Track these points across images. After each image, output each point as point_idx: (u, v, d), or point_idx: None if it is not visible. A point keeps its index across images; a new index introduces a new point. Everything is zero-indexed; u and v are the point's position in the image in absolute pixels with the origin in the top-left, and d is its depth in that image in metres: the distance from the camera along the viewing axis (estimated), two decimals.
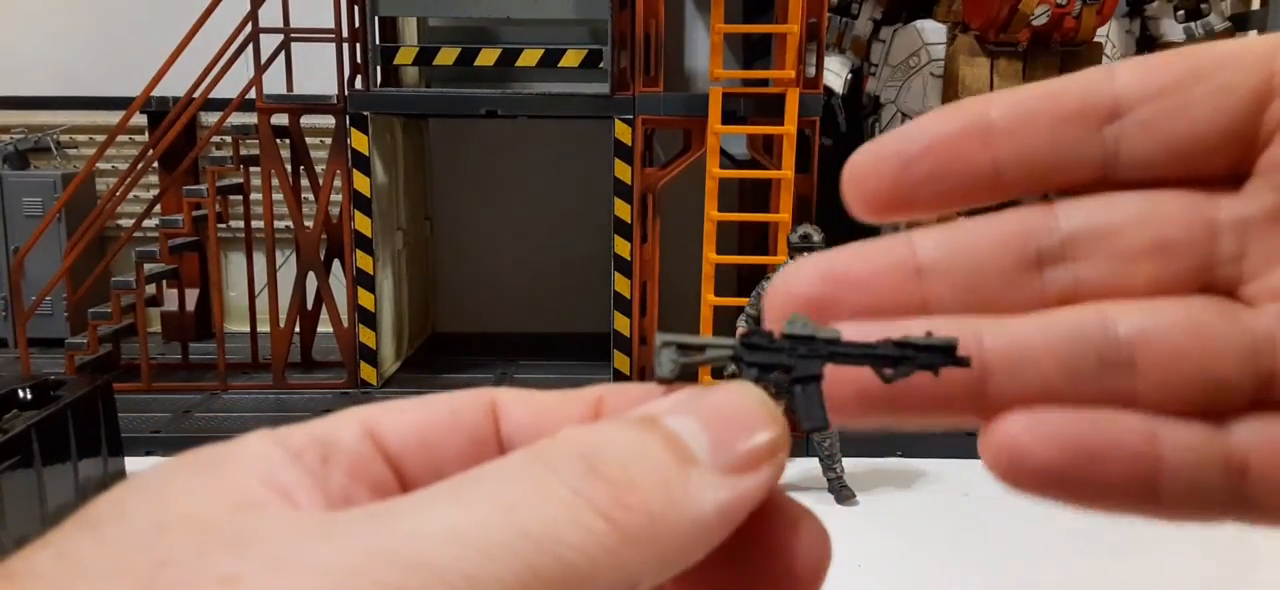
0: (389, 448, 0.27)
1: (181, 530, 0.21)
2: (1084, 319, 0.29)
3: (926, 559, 4.66)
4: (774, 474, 0.26)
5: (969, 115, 0.30)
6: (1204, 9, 6.49)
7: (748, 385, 0.27)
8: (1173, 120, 0.28)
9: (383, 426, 0.27)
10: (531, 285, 8.65)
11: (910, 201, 0.30)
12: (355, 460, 0.26)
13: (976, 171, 0.29)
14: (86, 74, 8.06)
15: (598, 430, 0.25)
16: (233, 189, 6.85)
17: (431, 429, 0.27)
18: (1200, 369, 0.28)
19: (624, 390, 0.29)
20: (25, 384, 4.53)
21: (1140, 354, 0.28)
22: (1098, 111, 0.29)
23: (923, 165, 0.29)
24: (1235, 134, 0.28)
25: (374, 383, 6.81)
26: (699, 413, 0.26)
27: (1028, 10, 5.57)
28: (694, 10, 7.22)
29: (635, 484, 0.23)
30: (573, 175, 8.39)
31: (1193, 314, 0.28)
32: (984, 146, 0.29)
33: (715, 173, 6.03)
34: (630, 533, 0.22)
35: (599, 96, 6.36)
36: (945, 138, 0.29)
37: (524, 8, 6.47)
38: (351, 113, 6.39)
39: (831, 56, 6.56)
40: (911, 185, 0.30)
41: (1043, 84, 0.30)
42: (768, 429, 0.26)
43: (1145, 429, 0.28)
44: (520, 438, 0.29)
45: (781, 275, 0.31)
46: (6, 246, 7.79)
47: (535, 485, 0.22)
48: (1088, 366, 0.28)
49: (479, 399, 0.29)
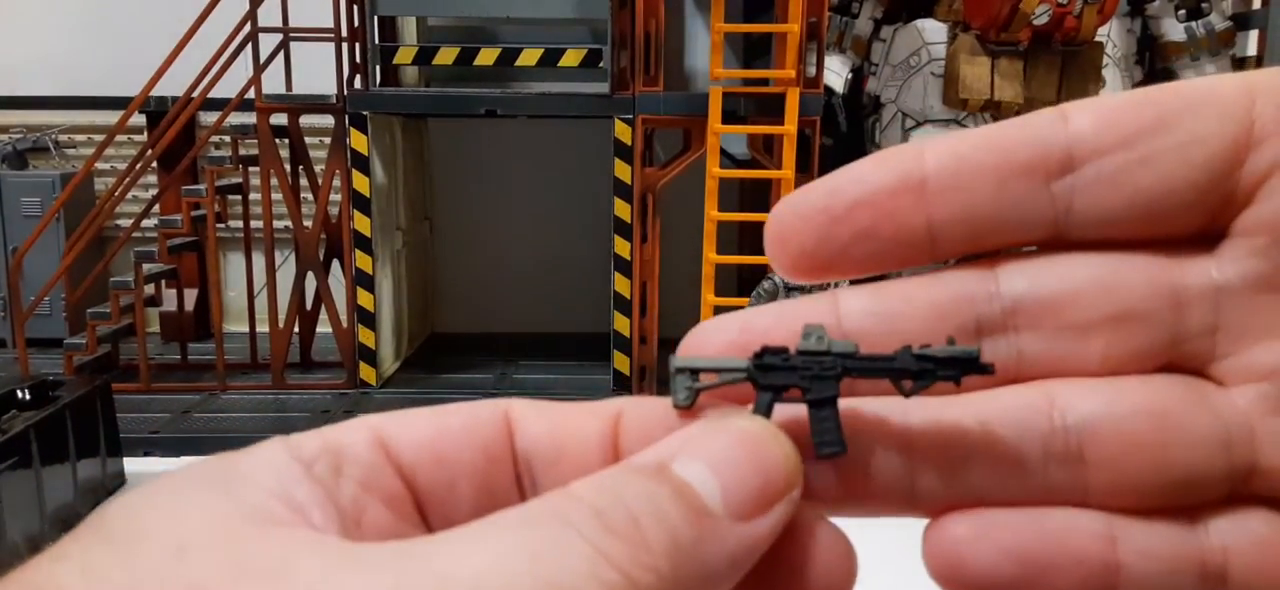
0: (401, 460, 0.26)
1: (206, 554, 0.21)
2: (1028, 402, 0.26)
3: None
4: (788, 511, 0.25)
5: (901, 168, 0.26)
6: (1205, 8, 6.48)
7: (759, 420, 0.26)
8: (1136, 174, 0.25)
9: (394, 438, 0.26)
10: (531, 285, 8.64)
11: (837, 263, 0.27)
12: (367, 472, 0.25)
13: (909, 232, 0.26)
14: (85, 74, 8.05)
15: (611, 483, 0.24)
16: (232, 189, 6.84)
17: (444, 441, 0.27)
18: (1161, 461, 0.25)
19: (643, 407, 0.28)
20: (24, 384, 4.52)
21: (1091, 446, 0.25)
22: (1048, 163, 0.25)
23: (849, 225, 0.26)
24: (1208, 190, 0.24)
25: (373, 383, 6.80)
26: (710, 456, 0.25)
27: (1029, 10, 5.56)
28: (694, 10, 7.21)
29: (648, 544, 0.23)
30: (573, 175, 8.39)
31: (1154, 397, 0.25)
32: (917, 204, 0.26)
33: (715, 172, 6.03)
34: (644, 587, 0.22)
35: (599, 96, 6.36)
36: (874, 194, 0.26)
37: (524, 7, 6.47)
38: (351, 112, 6.38)
39: (832, 56, 6.55)
40: (838, 246, 0.26)
41: (987, 131, 0.26)
42: (780, 468, 0.25)
43: (1102, 531, 0.25)
44: (538, 452, 0.28)
45: (697, 332, 0.28)
46: (5, 246, 7.78)
47: (557, 538, 0.22)
48: (1031, 460, 0.25)
49: (493, 411, 0.28)
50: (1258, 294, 0.24)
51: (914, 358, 0.26)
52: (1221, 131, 0.24)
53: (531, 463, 0.28)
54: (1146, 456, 0.25)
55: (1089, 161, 0.25)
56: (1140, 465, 0.25)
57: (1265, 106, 0.24)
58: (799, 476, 0.25)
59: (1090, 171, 0.25)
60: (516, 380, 7.08)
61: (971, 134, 0.26)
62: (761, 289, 4.92)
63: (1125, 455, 0.25)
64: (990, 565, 0.25)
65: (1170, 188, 0.25)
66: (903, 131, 6.38)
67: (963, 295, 0.27)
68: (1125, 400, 0.25)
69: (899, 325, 0.27)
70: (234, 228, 7.22)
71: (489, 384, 6.96)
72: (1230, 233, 0.25)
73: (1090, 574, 0.25)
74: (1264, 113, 0.24)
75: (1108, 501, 0.25)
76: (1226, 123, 0.24)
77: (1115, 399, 0.25)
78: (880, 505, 0.27)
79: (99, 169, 7.57)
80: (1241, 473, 0.25)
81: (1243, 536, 0.25)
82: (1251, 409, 0.25)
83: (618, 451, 0.28)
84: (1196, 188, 0.24)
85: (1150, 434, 0.25)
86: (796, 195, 0.28)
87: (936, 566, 0.26)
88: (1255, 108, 0.24)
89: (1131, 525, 0.25)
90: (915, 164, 0.26)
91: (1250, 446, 0.25)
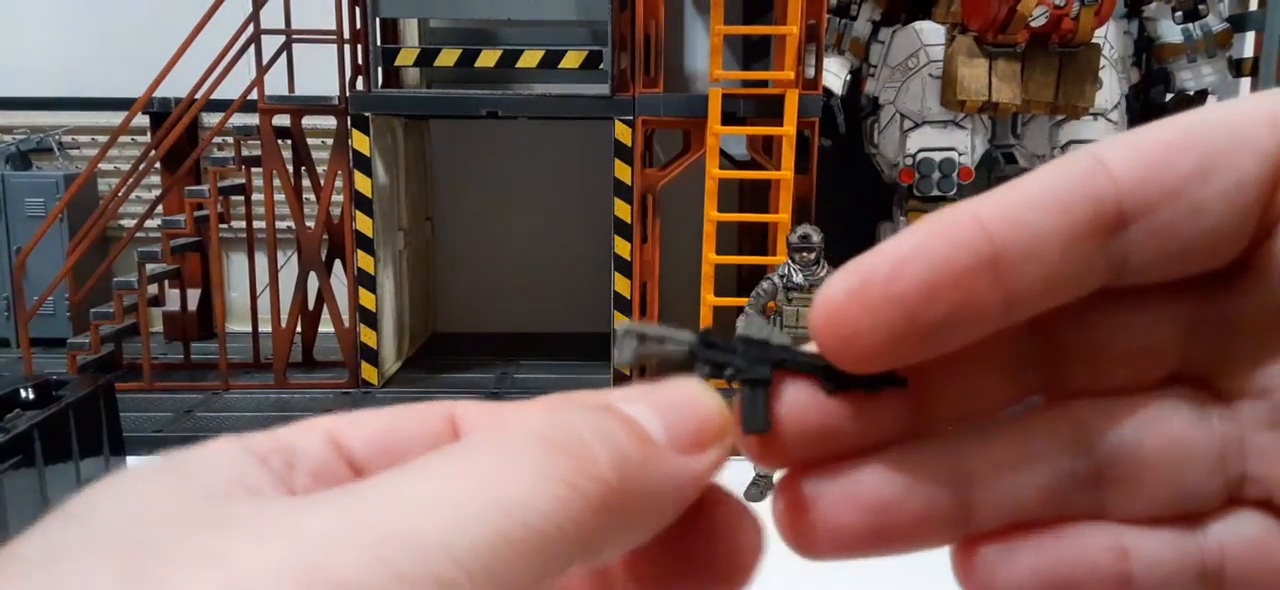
0: (353, 455, 0.27)
1: (159, 518, 0.22)
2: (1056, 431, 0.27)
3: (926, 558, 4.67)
4: (721, 457, 0.26)
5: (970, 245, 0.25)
6: (1202, 9, 6.49)
7: (692, 380, 0.28)
8: (1187, 224, 0.25)
9: (345, 435, 0.27)
10: (531, 285, 8.66)
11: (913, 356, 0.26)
12: (319, 465, 0.26)
13: (988, 311, 0.25)
14: (89, 75, 8.06)
15: (555, 414, 0.25)
16: (234, 189, 6.86)
17: (394, 437, 0.28)
18: (1170, 481, 0.27)
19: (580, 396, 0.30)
20: (27, 383, 4.54)
21: (1109, 469, 0.27)
22: (1105, 222, 0.25)
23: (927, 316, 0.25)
24: (1244, 228, 0.25)
25: (375, 382, 6.82)
26: (650, 401, 0.27)
27: (1026, 11, 5.58)
28: (694, 11, 7.24)
29: (594, 457, 0.24)
30: (573, 176, 8.41)
31: (1163, 419, 0.27)
32: (994, 282, 0.25)
33: (715, 173, 6.05)
34: (593, 501, 0.23)
35: (599, 97, 6.37)
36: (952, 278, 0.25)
37: (524, 9, 6.49)
38: (353, 113, 6.41)
39: (830, 57, 6.57)
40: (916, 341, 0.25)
41: (1040, 189, 0.25)
42: (714, 415, 0.27)
43: (1115, 544, 0.27)
44: None
45: None
46: (9, 247, 7.80)
47: (502, 459, 0.23)
48: (1061, 485, 0.27)
49: (439, 411, 0.29)
50: (1268, 322, 0.25)
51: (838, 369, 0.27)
52: (1258, 172, 0.24)
53: None
54: (1158, 476, 0.27)
55: (1141, 217, 0.25)
56: (1152, 484, 0.27)
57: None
58: (730, 428, 0.27)
59: (1144, 226, 0.25)
60: (517, 380, 7.10)
61: (1024, 192, 0.25)
62: (761, 288, 4.93)
63: (1139, 476, 0.27)
64: (1017, 585, 0.27)
65: (1218, 234, 0.25)
66: (901, 132, 6.39)
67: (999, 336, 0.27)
68: (1139, 423, 0.27)
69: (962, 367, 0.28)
70: (237, 228, 7.24)
71: (489, 383, 6.99)
72: (1251, 263, 0.26)
73: (1106, 584, 0.27)
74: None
75: (1121, 516, 0.27)
76: (1261, 161, 0.24)
77: (1131, 423, 0.27)
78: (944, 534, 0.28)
79: (102, 170, 7.59)
80: (1235, 483, 0.26)
81: (1237, 538, 0.26)
82: (1246, 426, 0.26)
83: None
84: (1240, 231, 0.25)
85: (1162, 456, 0.26)
86: (853, 283, 0.25)
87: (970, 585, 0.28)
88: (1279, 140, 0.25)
89: (1138, 535, 0.27)
90: (982, 237, 0.25)
91: (1242, 460, 0.26)
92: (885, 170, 6.69)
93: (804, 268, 4.94)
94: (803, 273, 4.94)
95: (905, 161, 6.27)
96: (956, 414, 0.28)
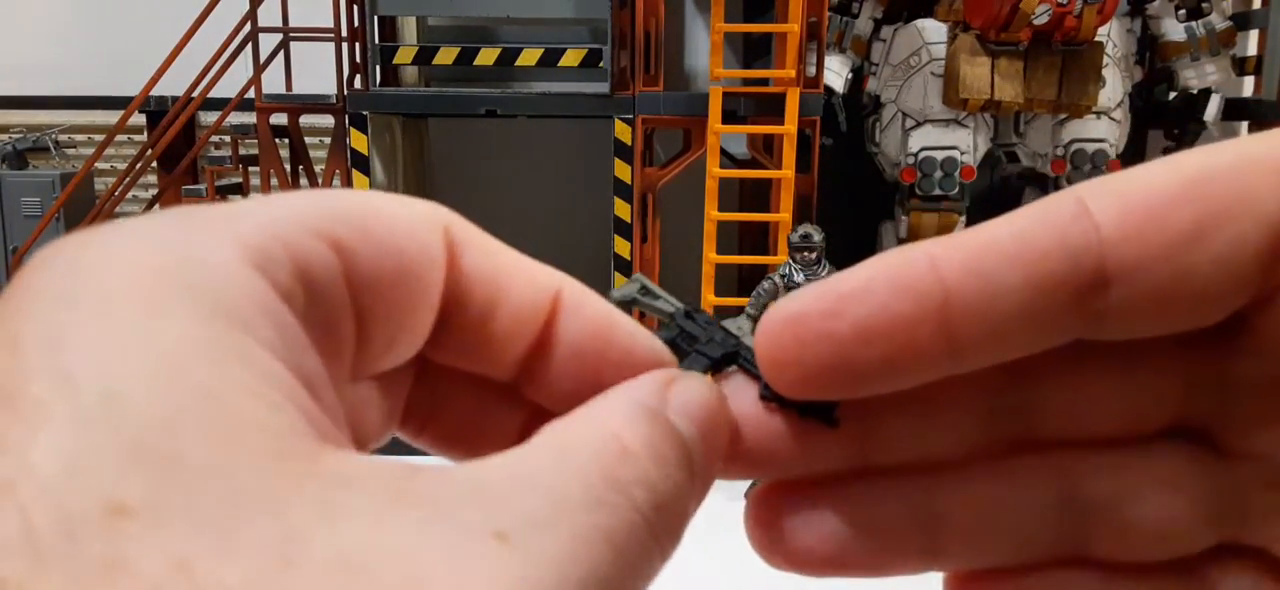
0: (359, 293, 0.23)
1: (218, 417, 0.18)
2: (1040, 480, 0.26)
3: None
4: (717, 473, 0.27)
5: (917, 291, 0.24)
6: (1206, 8, 6.48)
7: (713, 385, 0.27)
8: (1174, 288, 0.23)
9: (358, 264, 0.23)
10: None
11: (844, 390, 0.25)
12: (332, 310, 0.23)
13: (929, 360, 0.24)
14: (85, 74, 8.06)
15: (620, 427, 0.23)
16: (232, 188, 6.85)
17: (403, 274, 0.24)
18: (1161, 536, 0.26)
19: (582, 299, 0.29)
20: None
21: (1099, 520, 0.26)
22: (1080, 280, 0.23)
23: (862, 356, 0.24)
24: (1239, 293, 0.23)
25: None
26: (693, 414, 0.25)
27: (1029, 10, 5.56)
28: (694, 10, 7.22)
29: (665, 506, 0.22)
30: (573, 175, 8.40)
31: (1157, 470, 0.26)
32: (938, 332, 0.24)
33: (715, 172, 6.03)
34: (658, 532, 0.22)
35: (599, 96, 6.36)
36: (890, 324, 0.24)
37: (524, 7, 6.48)
38: (350, 112, 6.39)
39: (832, 56, 6.55)
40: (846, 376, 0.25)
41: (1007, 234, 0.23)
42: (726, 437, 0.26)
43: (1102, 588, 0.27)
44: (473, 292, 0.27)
45: None
46: (5, 246, 7.78)
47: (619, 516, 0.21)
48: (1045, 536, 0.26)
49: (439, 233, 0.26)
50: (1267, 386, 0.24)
51: None
52: (1258, 237, 0.22)
53: (464, 297, 0.27)
54: (1150, 529, 0.26)
55: (1124, 278, 0.23)
56: (1144, 537, 0.26)
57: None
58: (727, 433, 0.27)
59: (1126, 288, 0.23)
60: None
61: (989, 236, 0.24)
62: (761, 288, 4.91)
63: (1128, 530, 0.26)
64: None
65: (1207, 298, 0.23)
66: (902, 131, 6.37)
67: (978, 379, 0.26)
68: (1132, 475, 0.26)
69: None
70: None
71: None
72: (1250, 326, 0.24)
73: None
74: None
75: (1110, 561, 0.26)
76: (1261, 226, 0.22)
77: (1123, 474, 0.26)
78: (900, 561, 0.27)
79: (99, 169, 7.57)
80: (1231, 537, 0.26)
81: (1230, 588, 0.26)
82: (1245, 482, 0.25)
83: (551, 334, 0.28)
84: (1233, 296, 0.23)
85: (1153, 510, 0.26)
86: (794, 311, 0.25)
87: None
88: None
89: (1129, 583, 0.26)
90: (933, 283, 0.23)
91: (1242, 517, 0.25)
92: (887, 169, 6.67)
93: (805, 267, 4.92)
94: (804, 272, 4.91)
95: (907, 160, 6.25)
96: (918, 453, 0.27)
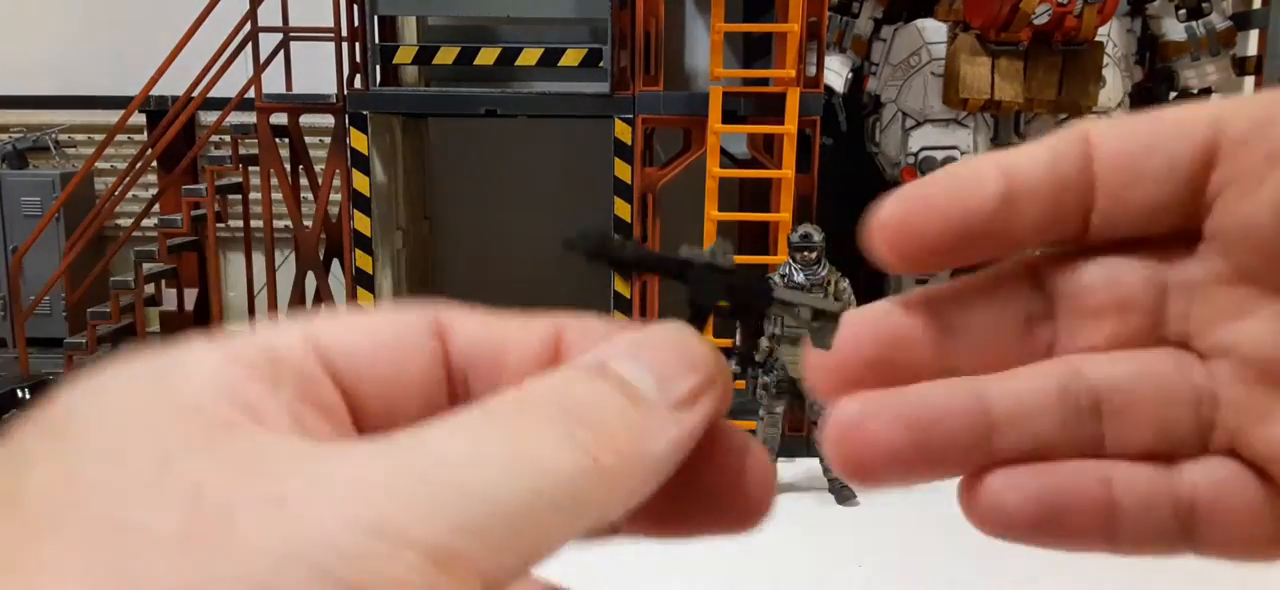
0: (337, 369, 0.27)
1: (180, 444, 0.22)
2: (1063, 373, 0.31)
3: (926, 558, 4.65)
4: (714, 404, 0.28)
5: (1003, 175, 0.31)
6: (1206, 8, 6.48)
7: (680, 324, 0.30)
8: (1131, 192, 0.30)
9: (330, 346, 0.27)
10: (531, 285, 8.63)
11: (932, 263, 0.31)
12: (305, 382, 0.25)
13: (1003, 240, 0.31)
14: (85, 73, 8.06)
15: (562, 381, 0.26)
16: (232, 188, 6.85)
17: (379, 351, 0.28)
18: (1154, 419, 0.31)
19: (584, 324, 0.31)
20: (24, 384, 4.53)
21: (1106, 404, 0.31)
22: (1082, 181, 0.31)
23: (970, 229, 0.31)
24: (1186, 203, 0.30)
25: None
26: (642, 354, 0.28)
27: (1029, 9, 5.56)
28: (694, 9, 7.21)
29: (613, 432, 0.25)
30: (573, 175, 8.39)
31: (1150, 367, 0.31)
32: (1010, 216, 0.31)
33: (715, 172, 6.03)
34: (608, 469, 0.24)
35: (599, 96, 6.36)
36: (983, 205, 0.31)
37: (524, 7, 6.47)
38: (350, 112, 6.39)
39: (832, 55, 6.55)
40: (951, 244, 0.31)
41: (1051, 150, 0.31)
42: (704, 363, 0.28)
43: (1102, 475, 0.31)
44: (475, 360, 0.29)
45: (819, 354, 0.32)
46: (5, 246, 7.78)
47: (531, 424, 0.24)
48: (1070, 419, 0.31)
49: (423, 316, 0.29)
50: (1218, 286, 0.30)
51: None
52: (1190, 154, 0.29)
53: (468, 366, 0.29)
54: (1144, 413, 0.31)
55: (1102, 179, 0.30)
56: (1139, 421, 0.31)
57: (1225, 132, 0.29)
58: (722, 372, 0.29)
59: (1103, 188, 0.30)
60: None
61: (1036, 153, 0.31)
62: None
63: (1129, 412, 0.31)
64: (1023, 511, 0.31)
65: (1156, 203, 0.30)
66: (902, 131, 6.37)
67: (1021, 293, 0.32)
68: (1127, 368, 0.31)
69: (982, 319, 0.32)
70: (234, 227, 7.23)
71: None
72: (1203, 236, 0.30)
73: (1095, 511, 0.31)
74: (1224, 138, 0.29)
75: (1113, 452, 0.31)
76: (1193, 146, 0.29)
77: (1122, 368, 0.31)
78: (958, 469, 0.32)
79: (99, 168, 7.57)
80: (1207, 429, 0.30)
81: (1208, 479, 0.30)
82: (1217, 377, 0.30)
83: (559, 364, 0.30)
84: (1177, 201, 0.30)
85: (1148, 395, 0.31)
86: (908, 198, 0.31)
87: (979, 515, 0.31)
88: (1221, 132, 0.29)
89: (1123, 468, 0.31)
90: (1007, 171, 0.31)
91: (1213, 408, 0.30)
92: (887, 169, 6.67)
93: (805, 267, 4.92)
94: (804, 272, 4.91)
95: (907, 160, 6.25)
96: (977, 364, 0.32)
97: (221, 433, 0.22)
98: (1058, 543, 0.31)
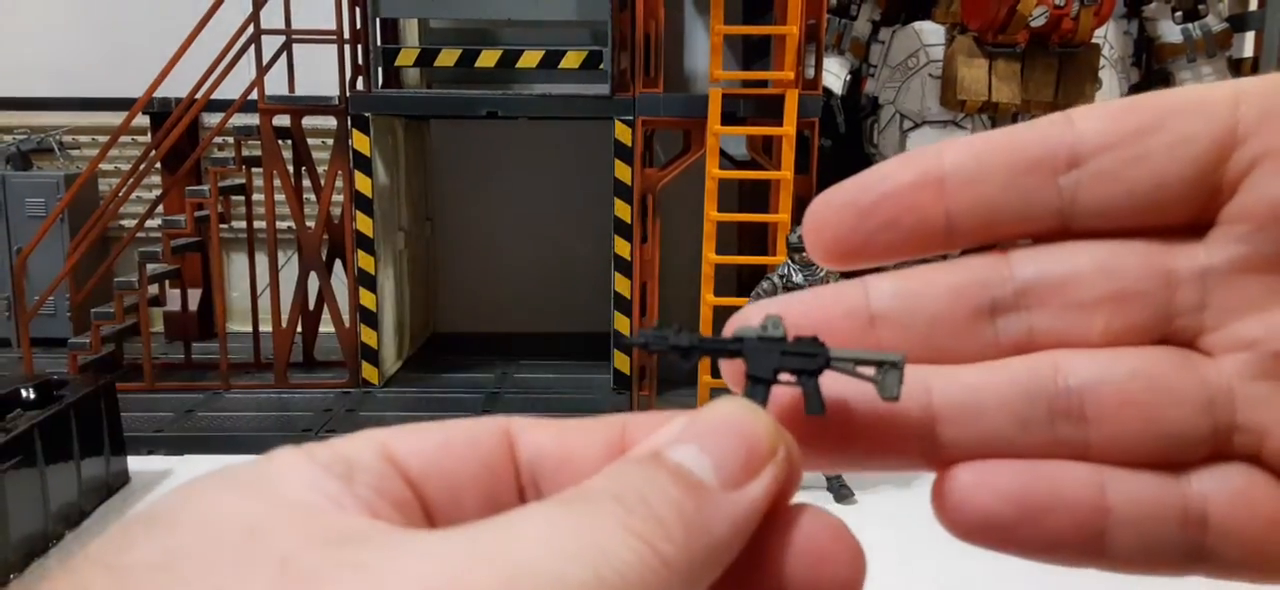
0: (408, 469, 0.28)
1: (280, 530, 0.23)
2: (1036, 368, 0.29)
3: (926, 558, 4.68)
4: (776, 475, 0.27)
5: (922, 165, 0.30)
6: (1202, 10, 6.50)
7: (736, 399, 0.29)
8: (1133, 169, 0.28)
9: (400, 450, 0.28)
10: (532, 285, 8.67)
11: (865, 250, 0.30)
12: (378, 478, 0.27)
13: (929, 223, 0.30)
14: (89, 75, 8.08)
15: (618, 472, 0.26)
16: (235, 189, 6.87)
17: (447, 453, 0.28)
18: (1152, 420, 0.28)
19: (646, 418, 0.30)
20: (28, 384, 4.55)
21: (1091, 404, 0.28)
22: (1056, 160, 0.28)
23: (875, 217, 0.30)
24: (1197, 183, 0.27)
25: (376, 382, 6.83)
26: (697, 438, 0.27)
27: (1026, 11, 5.58)
28: (694, 11, 7.25)
29: (662, 519, 0.25)
30: (573, 175, 8.41)
31: (1147, 365, 0.28)
32: (936, 198, 0.29)
33: (715, 173, 6.05)
34: (666, 556, 0.24)
35: (599, 97, 6.38)
36: (897, 189, 0.30)
37: (524, 9, 6.50)
38: (353, 114, 6.41)
39: (830, 58, 6.58)
40: (865, 236, 0.30)
41: (1000, 132, 0.29)
42: (762, 437, 0.27)
43: (1093, 480, 0.28)
44: (543, 461, 0.30)
45: (738, 317, 0.32)
46: (10, 247, 7.81)
47: (591, 517, 0.25)
48: (1038, 416, 0.29)
49: (493, 425, 0.30)
50: (1241, 274, 0.27)
51: None
52: (1208, 131, 0.27)
53: (536, 472, 0.30)
54: (1140, 414, 0.28)
55: (1092, 158, 0.28)
56: (1134, 422, 0.28)
57: (1249, 109, 0.27)
58: (779, 443, 0.27)
59: (1092, 167, 0.28)
60: (517, 380, 7.10)
61: (986, 136, 0.29)
62: (761, 288, 4.94)
63: (1122, 413, 0.28)
64: (993, 509, 0.28)
65: (1162, 181, 0.28)
66: (900, 132, 6.40)
67: (980, 279, 0.30)
68: (1122, 366, 0.28)
69: (920, 305, 0.30)
70: (237, 228, 7.26)
71: (490, 383, 6.99)
72: (1217, 221, 0.28)
73: (1081, 516, 0.28)
74: (1247, 115, 0.27)
75: (1104, 456, 0.28)
76: (1212, 123, 0.27)
77: (1113, 365, 0.28)
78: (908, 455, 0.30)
79: (103, 170, 7.60)
80: (1223, 432, 0.28)
81: (1222, 488, 0.27)
82: (1234, 376, 0.27)
83: None
84: (1186, 181, 0.27)
85: (1143, 395, 0.28)
86: (832, 190, 0.31)
87: (944, 511, 0.29)
88: (1239, 110, 0.27)
89: (1120, 474, 0.28)
90: (935, 162, 0.29)
91: (1231, 409, 0.27)
92: None
93: (804, 268, 4.95)
94: (802, 273, 4.94)
95: None
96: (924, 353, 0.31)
97: (304, 513, 0.24)
98: (1039, 551, 0.29)
